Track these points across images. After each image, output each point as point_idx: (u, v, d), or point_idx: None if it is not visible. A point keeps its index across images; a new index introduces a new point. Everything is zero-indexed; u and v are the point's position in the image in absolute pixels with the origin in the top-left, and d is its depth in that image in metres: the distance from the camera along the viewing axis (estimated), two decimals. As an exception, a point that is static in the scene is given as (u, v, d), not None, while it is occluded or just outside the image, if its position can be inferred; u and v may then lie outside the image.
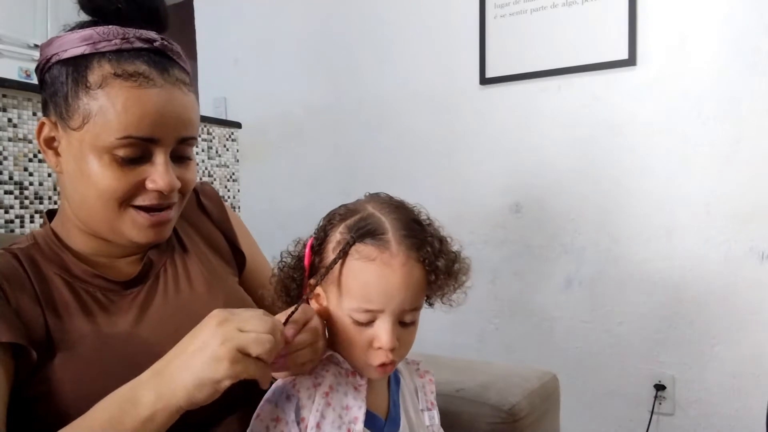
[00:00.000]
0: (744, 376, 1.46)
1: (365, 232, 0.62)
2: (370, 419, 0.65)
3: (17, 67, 3.11)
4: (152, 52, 0.68)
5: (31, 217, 1.71)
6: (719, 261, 1.48)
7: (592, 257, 1.66)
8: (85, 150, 0.66)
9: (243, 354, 0.52)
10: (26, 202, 1.69)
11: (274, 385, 0.65)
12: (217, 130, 2.33)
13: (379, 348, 0.62)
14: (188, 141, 0.70)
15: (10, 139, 1.66)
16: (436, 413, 0.76)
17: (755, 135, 1.44)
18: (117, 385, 0.56)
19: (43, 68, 0.69)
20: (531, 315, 1.77)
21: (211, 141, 2.30)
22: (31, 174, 1.71)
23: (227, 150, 2.37)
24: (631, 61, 1.57)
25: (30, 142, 1.71)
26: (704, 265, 1.50)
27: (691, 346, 1.53)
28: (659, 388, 1.56)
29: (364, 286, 0.61)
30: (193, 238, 0.82)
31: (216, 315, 0.55)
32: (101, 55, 0.65)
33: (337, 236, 0.64)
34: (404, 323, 0.64)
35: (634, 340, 1.60)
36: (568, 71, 1.66)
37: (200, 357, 0.52)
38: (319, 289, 0.67)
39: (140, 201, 0.68)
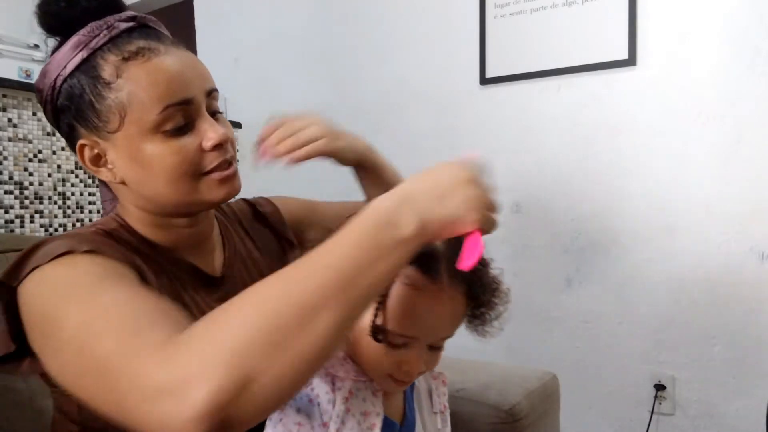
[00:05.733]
0: (744, 376, 1.46)
1: (417, 256, 0.57)
2: (386, 424, 0.65)
3: (17, 67, 3.11)
4: (137, 29, 0.68)
5: (31, 217, 1.71)
6: (719, 261, 1.48)
7: (592, 257, 1.66)
8: (136, 143, 0.65)
9: (488, 212, 0.55)
10: (26, 202, 1.69)
11: None
12: (217, 130, 2.33)
13: (406, 371, 0.61)
14: (213, 94, 0.71)
15: (10, 139, 1.66)
16: (447, 417, 0.76)
17: (755, 135, 1.44)
18: None
19: (52, 98, 0.68)
20: (531, 315, 1.77)
21: (211, 141, 2.30)
22: (31, 174, 1.71)
23: (227, 150, 2.37)
24: (631, 61, 1.57)
25: (30, 142, 1.71)
26: (704, 265, 1.50)
27: (691, 346, 1.53)
28: (659, 388, 1.56)
29: (407, 313, 0.59)
30: (256, 247, 0.86)
31: (463, 170, 0.55)
32: (99, 50, 0.65)
33: None
34: (434, 347, 0.63)
35: (634, 340, 1.60)
36: (568, 71, 1.66)
37: (457, 198, 0.53)
38: None
39: (207, 165, 0.68)
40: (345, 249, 0.49)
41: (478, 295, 0.61)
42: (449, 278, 0.59)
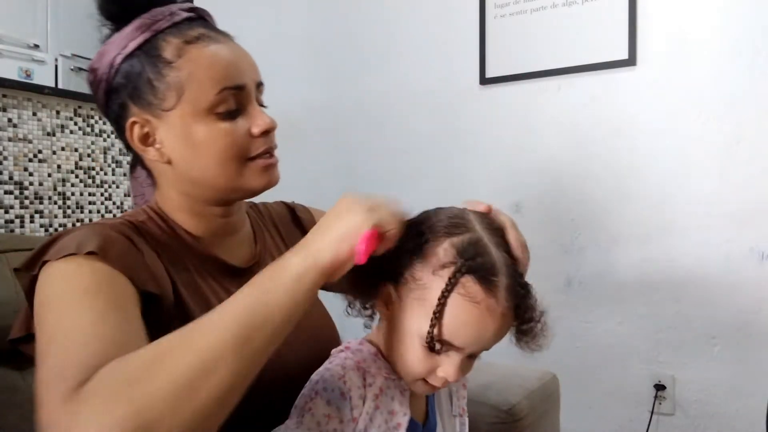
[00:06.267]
0: (744, 376, 1.46)
1: (476, 266, 0.58)
2: (409, 425, 0.65)
3: (17, 67, 3.11)
4: (196, 18, 0.72)
5: (31, 217, 1.71)
6: (719, 261, 1.48)
7: (592, 257, 1.66)
8: (189, 122, 0.68)
9: (377, 206, 0.57)
10: (26, 202, 1.70)
11: (322, 381, 0.63)
12: (217, 130, 2.33)
13: (442, 377, 0.61)
14: (260, 87, 0.74)
15: (10, 139, 1.66)
16: (466, 420, 0.76)
17: (755, 135, 1.44)
18: None
19: (108, 77, 0.70)
20: (531, 315, 1.77)
21: (211, 141, 2.30)
22: (31, 174, 1.71)
23: (227, 150, 2.37)
24: (631, 61, 1.57)
25: (30, 142, 1.71)
26: (704, 265, 1.50)
27: (691, 346, 1.53)
28: (659, 388, 1.56)
29: (458, 324, 0.59)
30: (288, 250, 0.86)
31: (346, 197, 0.59)
32: (161, 32, 0.68)
33: (440, 253, 0.60)
34: (471, 356, 0.63)
35: (634, 340, 1.60)
36: (568, 71, 1.66)
37: (339, 219, 0.56)
38: (392, 292, 0.63)
39: (253, 151, 0.70)
40: (240, 300, 0.52)
41: (524, 314, 0.62)
42: (505, 293, 0.59)
